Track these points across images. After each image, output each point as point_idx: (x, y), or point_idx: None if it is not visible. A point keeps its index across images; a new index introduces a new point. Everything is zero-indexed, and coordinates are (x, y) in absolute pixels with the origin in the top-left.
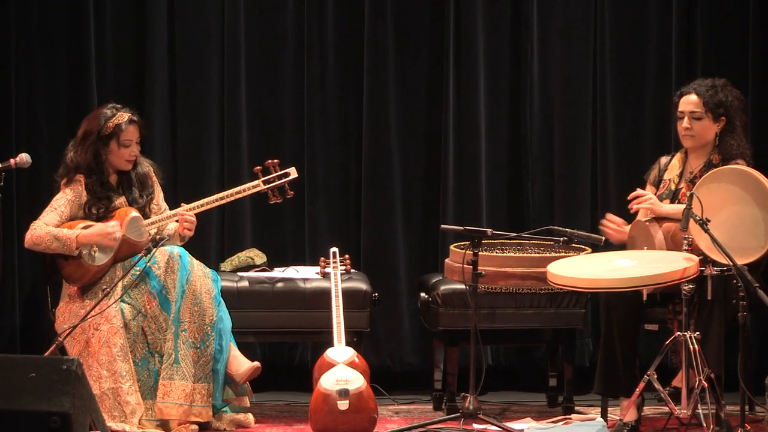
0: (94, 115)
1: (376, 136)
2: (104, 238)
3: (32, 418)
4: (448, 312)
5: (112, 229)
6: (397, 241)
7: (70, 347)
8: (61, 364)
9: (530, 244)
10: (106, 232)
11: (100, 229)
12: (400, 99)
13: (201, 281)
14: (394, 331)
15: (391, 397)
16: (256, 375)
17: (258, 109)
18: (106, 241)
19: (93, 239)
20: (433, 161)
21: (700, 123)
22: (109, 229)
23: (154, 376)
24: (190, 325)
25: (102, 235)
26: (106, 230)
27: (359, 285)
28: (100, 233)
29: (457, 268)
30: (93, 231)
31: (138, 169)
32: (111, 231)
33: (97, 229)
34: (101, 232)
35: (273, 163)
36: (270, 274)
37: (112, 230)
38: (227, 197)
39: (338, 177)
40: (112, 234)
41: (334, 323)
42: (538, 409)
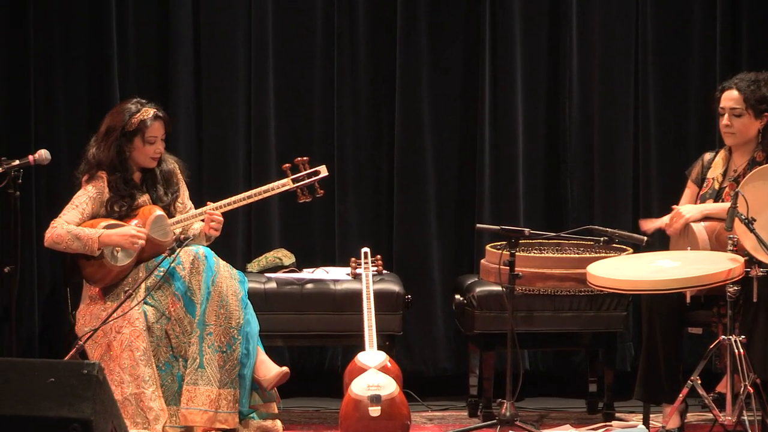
0: (117, 110)
1: (408, 132)
2: (126, 241)
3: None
4: (484, 315)
5: (137, 231)
6: (431, 241)
7: (91, 351)
8: (81, 368)
9: (569, 244)
10: (130, 234)
11: (123, 231)
12: (434, 94)
13: (227, 283)
14: (428, 335)
15: (424, 404)
16: (284, 380)
17: (286, 105)
18: (127, 245)
19: (115, 241)
20: (468, 158)
21: (740, 120)
22: (133, 231)
23: (178, 381)
24: (215, 328)
25: (124, 238)
26: (130, 233)
27: (391, 287)
28: (122, 235)
29: (494, 269)
30: (116, 232)
31: (163, 166)
32: (135, 234)
33: (120, 231)
34: (124, 235)
35: (302, 161)
36: (299, 275)
37: (137, 233)
38: (255, 196)
39: (369, 174)
40: (136, 239)
41: (366, 326)
42: (577, 416)
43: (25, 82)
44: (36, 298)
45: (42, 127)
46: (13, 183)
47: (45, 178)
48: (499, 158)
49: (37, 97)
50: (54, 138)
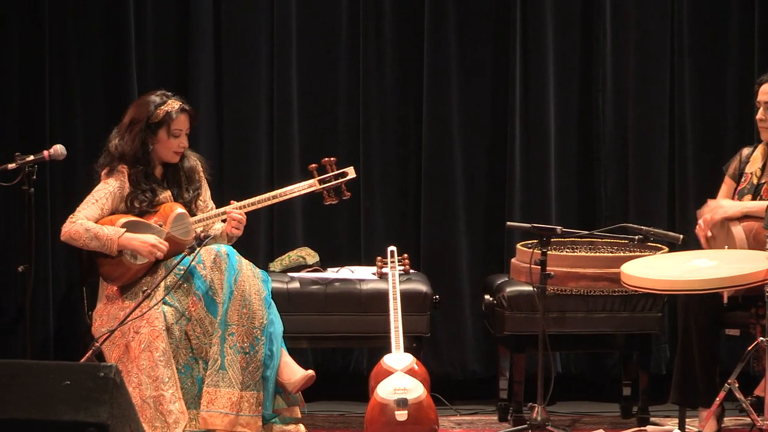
0: (142, 101)
1: (436, 129)
2: (146, 250)
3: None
4: (515, 316)
5: (158, 243)
6: (460, 240)
7: (108, 352)
8: (98, 370)
9: (603, 243)
10: (151, 244)
11: (145, 239)
12: (462, 90)
13: (250, 282)
14: (457, 337)
15: (453, 408)
16: (309, 384)
17: (310, 101)
18: (146, 253)
19: (134, 246)
20: (498, 153)
21: None
22: (154, 241)
23: (198, 384)
24: (238, 328)
25: (144, 246)
26: (151, 242)
27: (419, 286)
28: (143, 243)
29: (524, 268)
30: (137, 238)
31: (185, 162)
32: (155, 244)
33: (141, 238)
34: (144, 243)
35: (329, 162)
36: (323, 274)
37: (158, 245)
38: (280, 196)
39: (396, 171)
40: (156, 250)
41: (392, 328)
42: (610, 421)
43: (39, 76)
44: (51, 297)
45: (57, 121)
46: (28, 179)
47: (60, 175)
48: (531, 153)
49: (52, 91)
50: (70, 133)
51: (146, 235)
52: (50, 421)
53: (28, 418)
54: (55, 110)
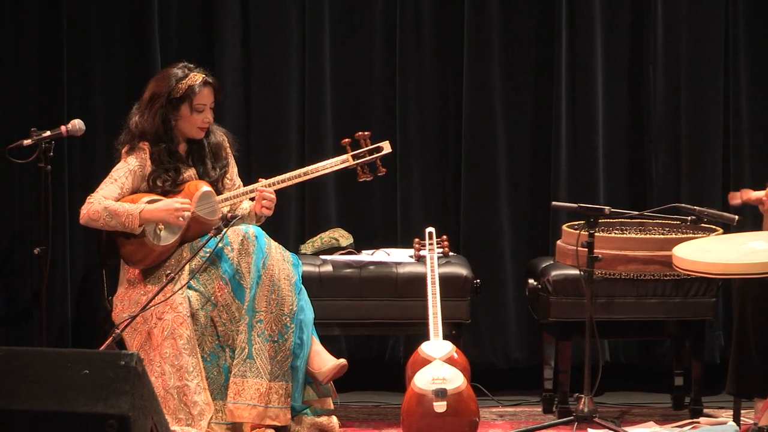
0: (163, 75)
1: (477, 103)
2: (171, 215)
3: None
4: (560, 301)
5: (181, 205)
6: (502, 221)
7: (130, 340)
8: (118, 359)
9: (653, 224)
10: (174, 208)
11: (167, 205)
12: (505, 61)
13: (279, 266)
14: (499, 323)
15: (494, 398)
16: (341, 373)
17: (343, 72)
18: (172, 219)
19: (158, 216)
20: (542, 129)
21: None
22: (177, 204)
23: (224, 374)
24: (266, 315)
25: (169, 212)
26: (174, 206)
27: (458, 270)
28: (166, 209)
29: (571, 251)
30: (159, 206)
31: (211, 138)
32: (180, 207)
33: (163, 205)
34: (168, 208)
35: (363, 136)
36: (357, 257)
37: (181, 207)
38: (311, 173)
39: (435, 148)
40: (181, 211)
41: (430, 314)
42: (661, 412)
43: (57, 47)
44: (69, 281)
45: (76, 95)
46: (44, 156)
47: (79, 151)
48: (577, 129)
49: (70, 63)
50: (89, 107)
51: (166, 200)
52: (68, 413)
53: (44, 409)
54: (73, 83)
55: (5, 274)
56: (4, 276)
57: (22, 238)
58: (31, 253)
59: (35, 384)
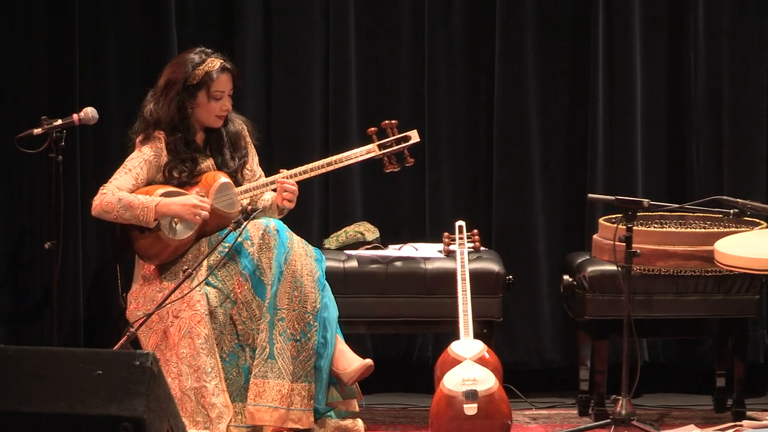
0: (179, 60)
1: (509, 90)
2: (188, 211)
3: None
4: (597, 298)
5: (201, 202)
6: (536, 214)
7: (145, 339)
8: (133, 359)
9: (694, 218)
10: (192, 204)
11: (185, 200)
12: (539, 45)
13: (302, 261)
14: (532, 321)
15: (527, 401)
16: (367, 374)
17: (369, 57)
18: (189, 216)
19: (174, 210)
20: (578, 117)
21: None
22: (196, 201)
23: (244, 374)
24: (288, 313)
25: (186, 207)
26: (192, 201)
27: (490, 266)
28: (183, 205)
29: (608, 245)
30: (176, 201)
31: (229, 126)
32: (198, 204)
33: (180, 200)
34: (185, 204)
35: (390, 124)
36: (383, 252)
37: (200, 204)
38: (335, 163)
39: (465, 138)
40: (199, 209)
41: (461, 312)
42: (702, 415)
43: (69, 30)
44: (81, 277)
45: (88, 81)
46: (55, 146)
47: (92, 140)
48: (614, 117)
49: (82, 47)
50: (102, 94)
51: (185, 195)
52: (80, 416)
53: (55, 412)
54: (86, 69)
55: (14, 270)
56: (14, 271)
57: (32, 231)
58: (41, 248)
59: (46, 385)
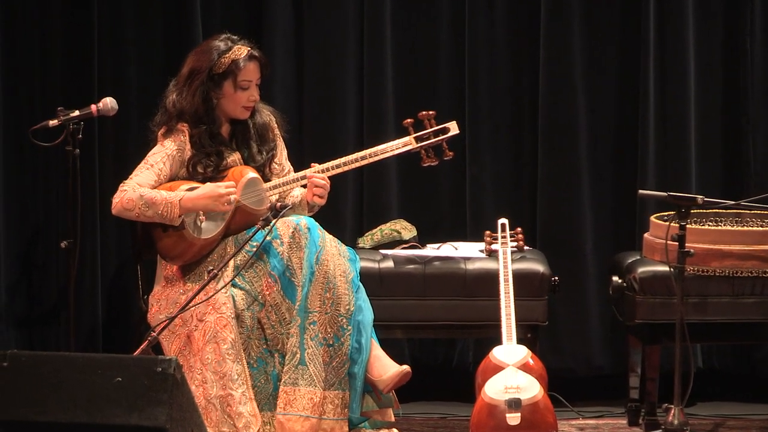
0: (203, 48)
1: (555, 79)
2: (216, 201)
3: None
4: (648, 301)
5: (226, 190)
6: (583, 211)
7: (167, 344)
8: (155, 365)
9: (752, 215)
10: (218, 193)
11: (210, 190)
12: (586, 31)
13: (335, 261)
14: (579, 325)
15: (574, 410)
16: (404, 381)
17: (406, 44)
18: (218, 205)
19: (201, 203)
20: (628, 108)
21: None
22: (222, 190)
23: (273, 382)
24: (320, 316)
25: (212, 198)
26: (218, 191)
27: (535, 266)
28: (210, 195)
29: (659, 245)
30: (201, 193)
31: (257, 118)
32: (224, 192)
33: (206, 190)
34: (212, 194)
35: (428, 115)
36: (421, 251)
37: (226, 192)
38: (370, 157)
39: (508, 131)
40: (226, 196)
41: (503, 315)
42: (760, 425)
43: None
44: (99, 278)
45: (108, 70)
46: (72, 138)
47: (111, 133)
48: (667, 109)
49: (101, 34)
50: (122, 84)
51: (208, 185)
52: (99, 425)
53: (72, 421)
54: (104, 56)
55: (29, 271)
56: (28, 272)
57: (48, 230)
58: (57, 247)
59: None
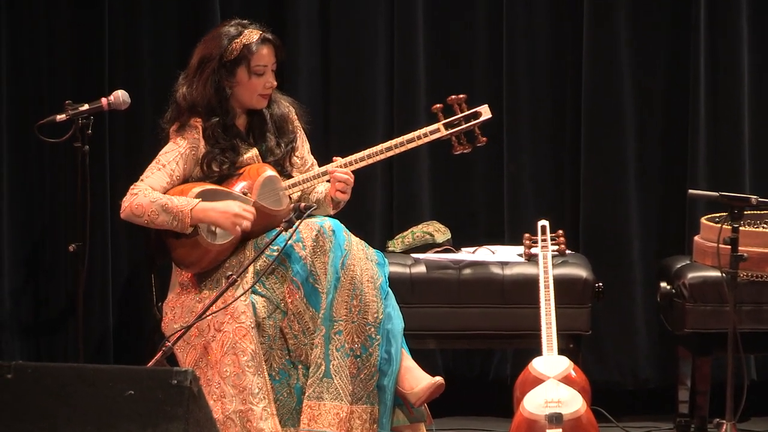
0: (212, 35)
1: (600, 70)
2: (228, 220)
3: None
4: (698, 308)
5: (242, 210)
6: (629, 213)
7: (182, 355)
8: (169, 377)
9: None
10: (233, 213)
11: (224, 207)
12: (633, 18)
13: (362, 265)
14: (625, 335)
15: (619, 425)
16: (437, 394)
17: (439, 29)
18: (228, 224)
19: (212, 217)
20: (678, 102)
21: None
22: (237, 209)
23: (296, 395)
24: (346, 325)
25: (225, 216)
26: (233, 210)
27: (577, 272)
28: (223, 212)
29: (711, 248)
30: (215, 207)
31: (274, 108)
32: (239, 214)
33: (221, 207)
34: (225, 212)
35: (457, 99)
36: (456, 256)
37: (242, 214)
38: (396, 148)
39: (549, 125)
40: (240, 219)
41: (543, 324)
42: None
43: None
44: (110, 285)
45: (119, 61)
46: (82, 134)
47: (123, 128)
48: (718, 103)
49: (112, 22)
50: (135, 76)
51: (227, 201)
52: None
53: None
54: (116, 47)
55: (35, 275)
56: (34, 277)
57: (55, 232)
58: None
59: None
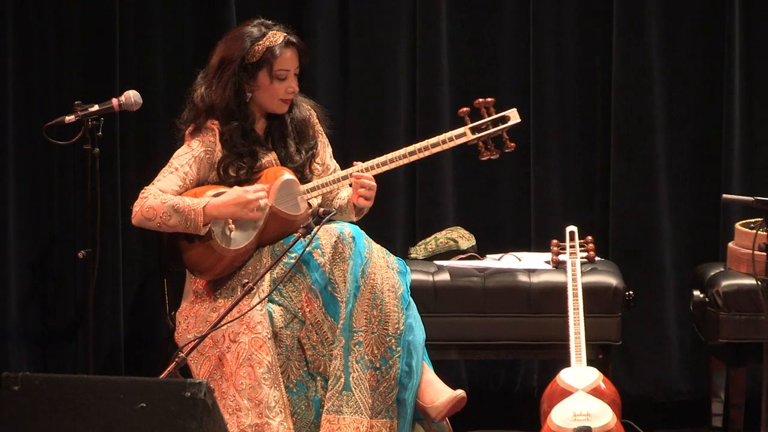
0: (234, 35)
1: (630, 68)
2: (243, 208)
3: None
4: (733, 318)
5: (254, 195)
6: (660, 218)
7: (196, 366)
8: (183, 389)
9: None
10: (246, 199)
11: (236, 196)
12: (664, 19)
13: (383, 274)
14: (656, 345)
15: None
16: (458, 408)
17: (463, 27)
18: (245, 213)
19: (227, 211)
20: (711, 105)
21: None
22: (250, 195)
23: (314, 408)
24: (366, 336)
25: (240, 204)
26: (245, 197)
27: (607, 279)
28: (237, 201)
29: (745, 255)
30: (227, 199)
31: (295, 112)
32: (252, 198)
33: (232, 196)
34: (239, 200)
35: (485, 103)
36: (481, 263)
37: (255, 196)
38: (419, 152)
39: (578, 128)
40: (255, 202)
41: (572, 334)
42: None
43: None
44: (121, 292)
45: (131, 61)
46: (91, 136)
47: (134, 130)
48: (753, 108)
49: (123, 22)
50: (147, 76)
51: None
52: None
53: None
54: (127, 46)
55: (43, 283)
56: (42, 285)
57: (64, 237)
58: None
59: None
